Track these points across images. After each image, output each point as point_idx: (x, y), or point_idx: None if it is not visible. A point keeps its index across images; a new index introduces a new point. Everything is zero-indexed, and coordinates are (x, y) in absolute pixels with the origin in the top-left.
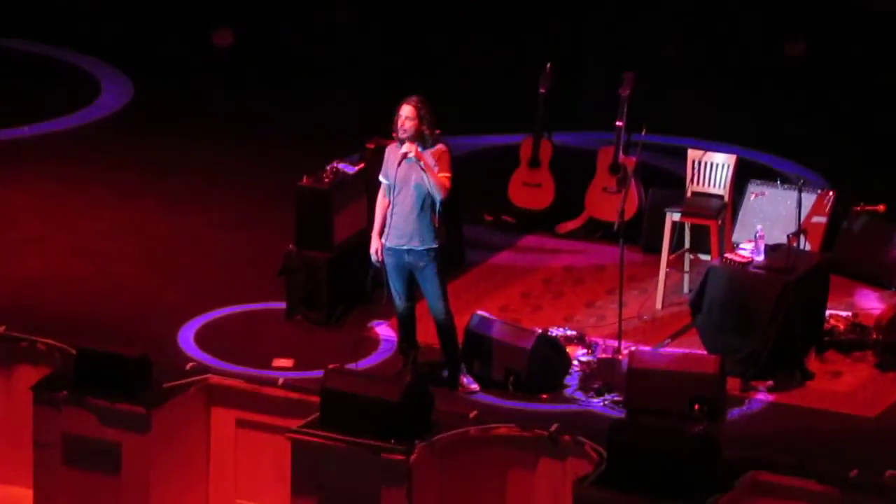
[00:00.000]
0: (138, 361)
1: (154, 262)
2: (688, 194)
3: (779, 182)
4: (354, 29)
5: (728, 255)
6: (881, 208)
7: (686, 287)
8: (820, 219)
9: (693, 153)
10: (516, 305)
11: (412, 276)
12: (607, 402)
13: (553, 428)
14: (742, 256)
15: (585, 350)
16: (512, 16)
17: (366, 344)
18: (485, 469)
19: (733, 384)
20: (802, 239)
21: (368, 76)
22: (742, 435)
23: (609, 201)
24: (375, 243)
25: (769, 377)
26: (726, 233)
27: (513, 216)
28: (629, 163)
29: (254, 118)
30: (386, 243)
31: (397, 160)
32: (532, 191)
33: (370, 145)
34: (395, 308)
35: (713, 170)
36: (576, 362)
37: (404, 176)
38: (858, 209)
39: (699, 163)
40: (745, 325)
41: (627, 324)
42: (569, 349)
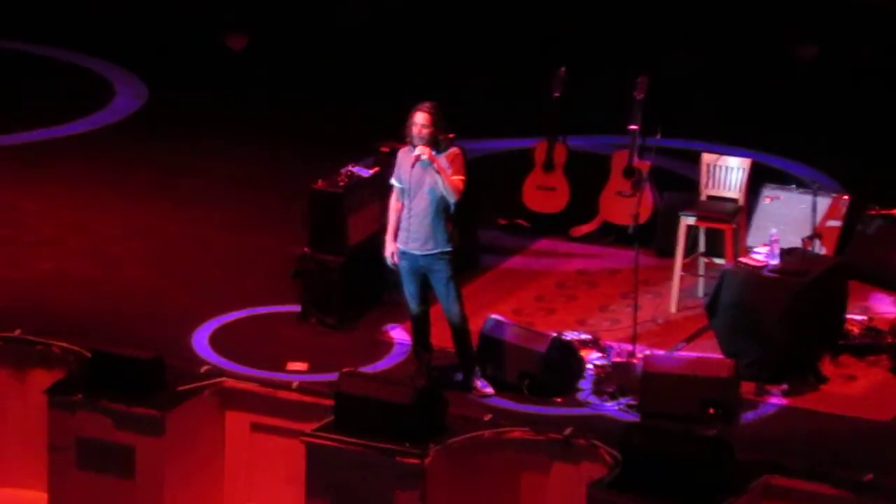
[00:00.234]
0: (152, 364)
1: (167, 265)
2: (702, 198)
3: (793, 185)
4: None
5: (742, 259)
6: None
7: (700, 291)
8: (835, 222)
9: (707, 157)
10: (530, 309)
11: (426, 280)
12: (621, 406)
13: (567, 431)
14: (756, 260)
15: (599, 353)
16: (526, 18)
17: (380, 347)
18: (499, 472)
19: (747, 388)
20: (817, 242)
21: (382, 78)
22: (756, 438)
23: (623, 205)
24: (390, 247)
25: (783, 381)
26: (741, 236)
27: (527, 220)
28: (643, 166)
29: (267, 121)
30: (400, 246)
31: (410, 163)
32: (546, 194)
33: (384, 148)
34: (409, 311)
35: (728, 173)
36: (590, 366)
37: (418, 179)
38: (873, 212)
39: (713, 166)
40: (760, 329)
41: (642, 327)
42: (583, 353)
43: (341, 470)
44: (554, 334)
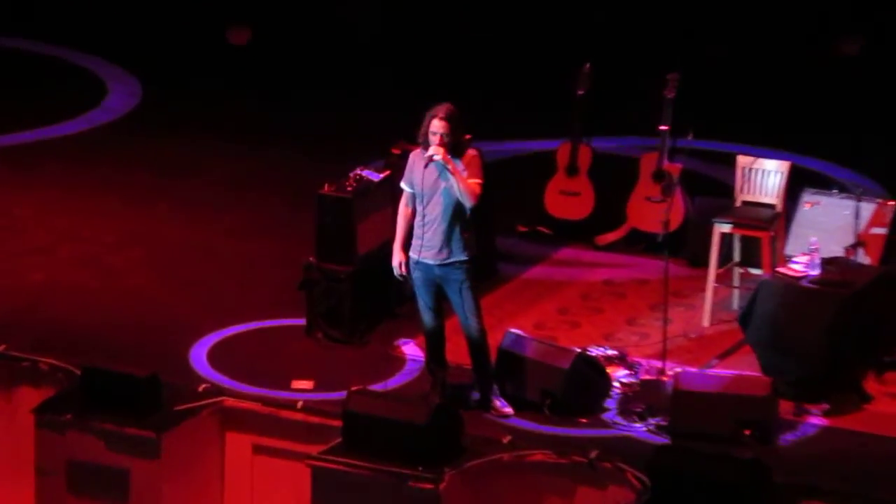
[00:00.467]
0: (148, 382)
1: (165, 275)
2: (737, 204)
3: (835, 190)
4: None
5: (780, 269)
6: None
7: (735, 303)
8: (880, 230)
9: (743, 160)
10: (553, 322)
11: (441, 291)
12: (650, 427)
13: (592, 454)
14: (795, 270)
15: (627, 371)
16: (547, 12)
17: (391, 363)
18: (519, 498)
19: (786, 407)
20: (860, 251)
21: (394, 77)
22: (795, 461)
23: (652, 211)
24: (398, 256)
25: (824, 399)
26: (778, 245)
27: (549, 227)
28: (674, 170)
29: (272, 121)
30: (413, 256)
31: (423, 164)
32: (570, 200)
33: (395, 151)
34: (423, 325)
35: (764, 177)
36: (616, 384)
37: (432, 183)
38: None
39: (749, 170)
40: (799, 344)
41: (672, 342)
42: (609, 370)
43: (350, 495)
44: (578, 350)
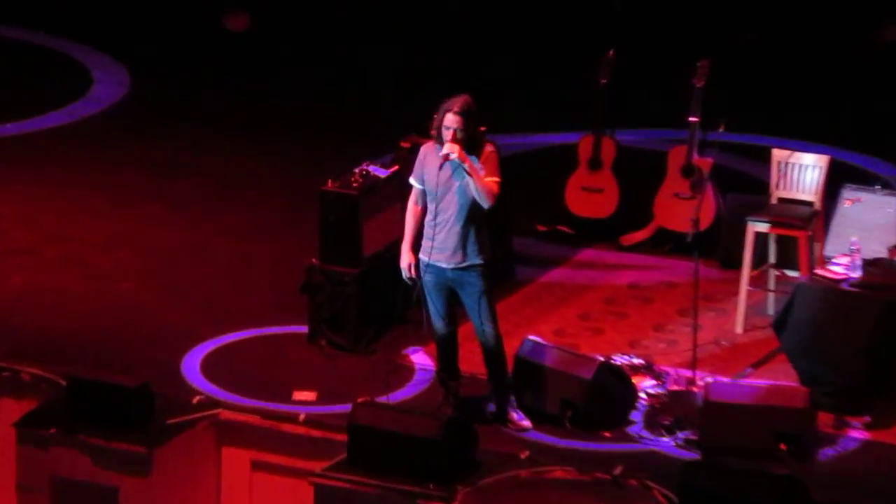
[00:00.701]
0: (138, 393)
1: (157, 278)
2: (772, 201)
3: (877, 186)
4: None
5: (819, 271)
6: None
7: (770, 307)
8: None
9: (778, 153)
10: (574, 329)
11: (454, 296)
12: (679, 441)
13: (617, 471)
14: (835, 273)
15: (654, 381)
16: None
17: (400, 373)
18: None
19: (825, 419)
20: None
21: (403, 66)
22: (834, 477)
23: (681, 209)
24: (407, 257)
25: (866, 411)
26: (817, 245)
27: (570, 226)
28: (705, 164)
29: (271, 114)
30: (424, 258)
31: (437, 164)
32: (592, 197)
33: (405, 144)
34: (435, 332)
35: (802, 172)
36: (643, 395)
37: (446, 181)
38: None
39: (786, 164)
40: (839, 352)
41: (702, 350)
42: (635, 379)
43: None
44: (601, 358)
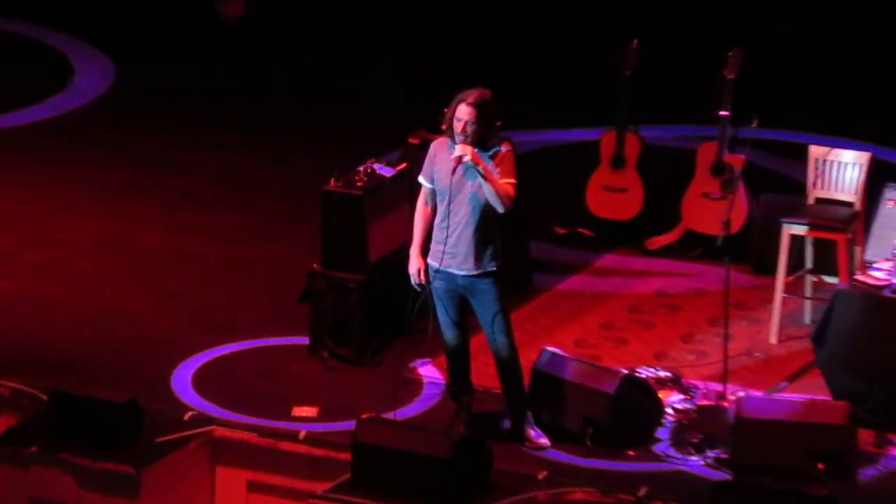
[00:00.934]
0: (126, 409)
1: (146, 285)
2: (809, 201)
3: None
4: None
5: (860, 277)
6: None
7: (807, 316)
8: None
9: (816, 150)
10: (595, 339)
11: (466, 304)
12: (709, 460)
13: (642, 492)
14: (877, 278)
15: (682, 395)
16: None
17: (408, 387)
18: None
19: (865, 437)
20: None
21: (411, 56)
22: (876, 498)
23: (711, 210)
24: (416, 262)
25: None
26: (857, 249)
27: (591, 228)
28: (736, 162)
29: (269, 106)
30: (433, 264)
31: (450, 164)
32: (615, 197)
33: (413, 141)
34: (445, 343)
35: (841, 171)
36: (670, 410)
37: (458, 181)
38: None
39: (823, 162)
40: (881, 364)
41: (734, 362)
42: (661, 394)
43: None
44: (625, 371)
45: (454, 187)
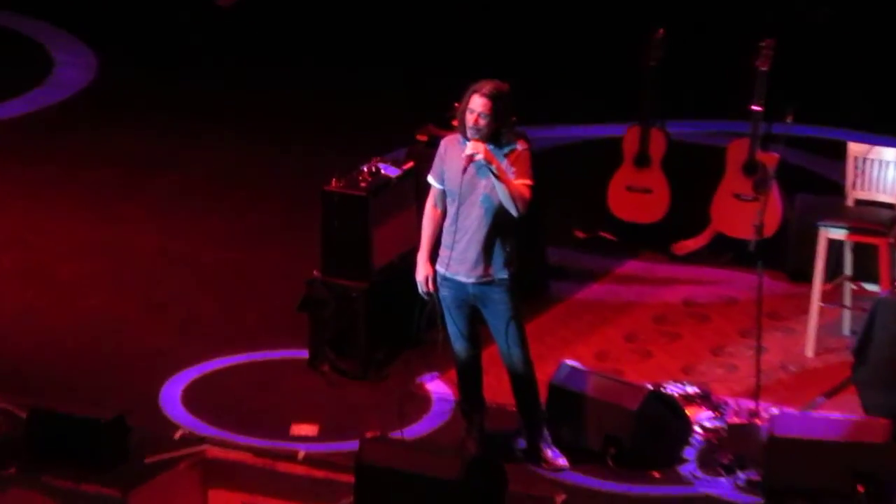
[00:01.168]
0: (111, 427)
1: (132, 293)
2: (848, 203)
3: None
4: None
5: None
6: None
7: (846, 327)
8: None
9: (855, 148)
10: (618, 352)
11: (478, 314)
12: (740, 482)
13: None
14: None
15: (711, 412)
16: None
17: (415, 404)
18: None
19: None
20: None
21: (419, 47)
22: None
23: (743, 212)
24: (424, 269)
25: None
26: None
27: (613, 232)
28: (770, 160)
29: (266, 100)
30: (442, 271)
31: (460, 163)
32: (639, 198)
33: (421, 137)
34: (455, 356)
35: (882, 170)
36: (698, 428)
37: (469, 181)
38: None
39: (863, 161)
40: None
41: (767, 377)
42: (688, 411)
43: None
44: (650, 386)
45: (465, 188)
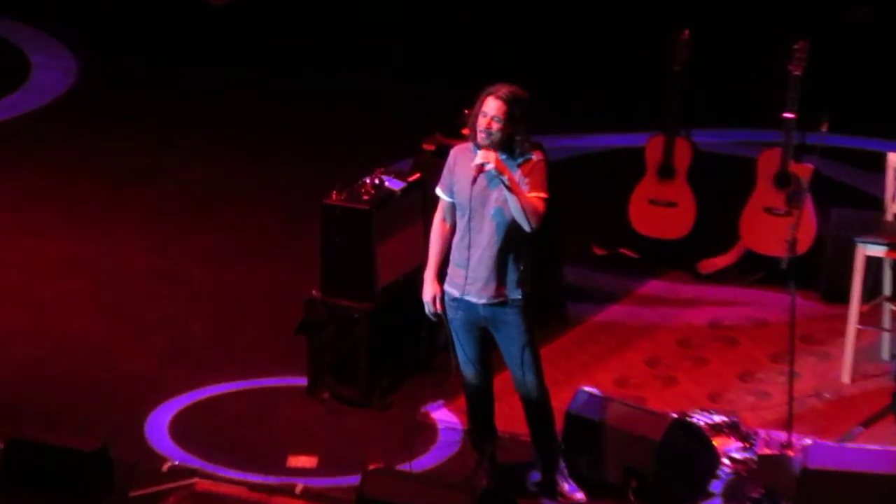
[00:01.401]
0: (94, 458)
1: (117, 314)
2: (888, 217)
3: None
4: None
5: None
6: None
7: (886, 351)
8: None
9: (895, 158)
10: (640, 378)
11: (489, 338)
12: None
13: None
14: None
15: (740, 443)
16: None
17: (422, 434)
18: None
19: None
20: None
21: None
22: None
23: (774, 227)
24: (431, 288)
25: None
26: None
27: (634, 249)
28: (803, 172)
29: (261, 107)
30: (450, 290)
31: (470, 174)
32: (663, 212)
33: (429, 146)
34: (465, 382)
35: None
36: (726, 460)
37: (480, 193)
38: None
39: None
40: None
41: (801, 405)
42: (715, 441)
43: None
44: (674, 415)
45: (475, 201)
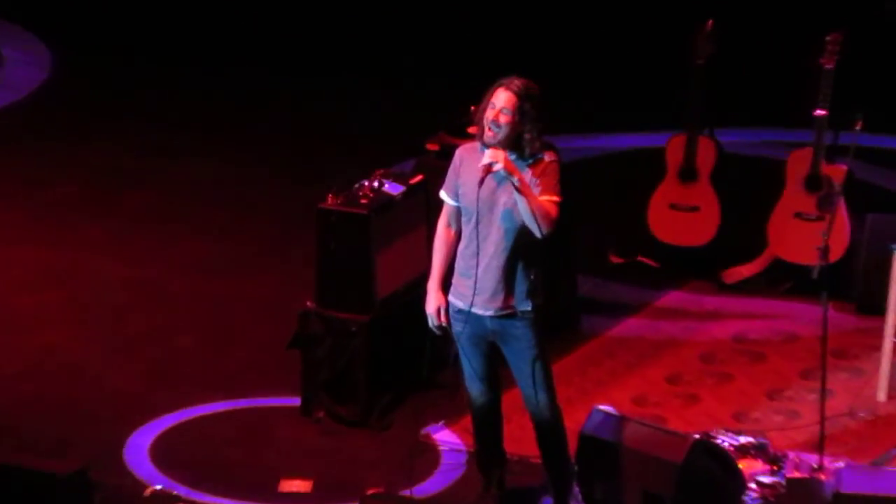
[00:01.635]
0: (72, 482)
1: (97, 328)
2: None
3: None
4: None
5: None
6: None
7: None
8: None
9: None
10: (659, 396)
11: (497, 352)
12: None
13: None
14: None
15: (767, 465)
16: None
17: (424, 456)
18: None
19: None
20: None
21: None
22: None
23: (805, 234)
24: (435, 299)
25: None
26: None
27: (654, 257)
28: (836, 174)
29: (250, 105)
30: (455, 302)
31: (477, 175)
32: (684, 217)
33: (432, 147)
34: (470, 401)
35: None
36: (752, 485)
37: (488, 197)
38: None
39: None
40: None
41: (833, 424)
42: (741, 464)
43: None
44: (696, 436)
45: (482, 204)
